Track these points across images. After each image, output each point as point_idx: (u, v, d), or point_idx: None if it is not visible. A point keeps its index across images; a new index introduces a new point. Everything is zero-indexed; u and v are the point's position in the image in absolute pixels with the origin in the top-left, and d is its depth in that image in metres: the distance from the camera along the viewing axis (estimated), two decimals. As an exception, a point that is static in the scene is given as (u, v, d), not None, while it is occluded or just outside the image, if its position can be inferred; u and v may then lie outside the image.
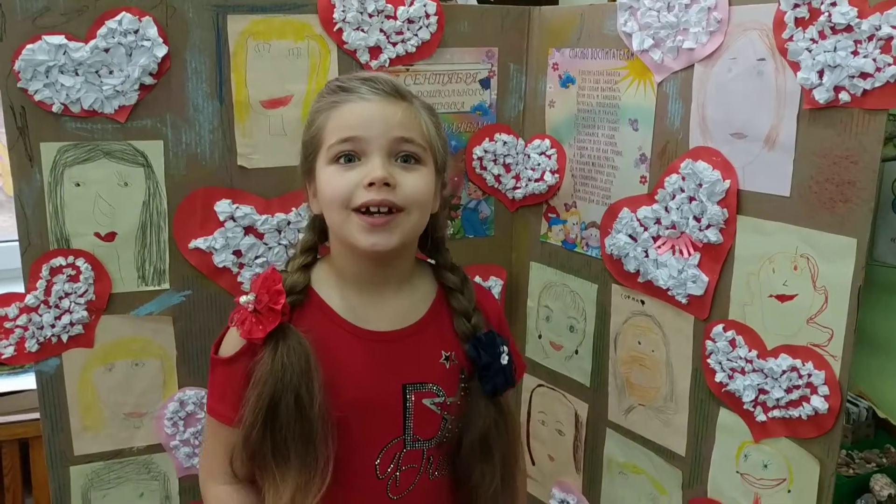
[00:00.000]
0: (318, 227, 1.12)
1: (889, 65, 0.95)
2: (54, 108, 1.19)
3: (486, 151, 1.46)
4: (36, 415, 1.34)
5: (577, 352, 1.46)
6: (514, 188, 1.50)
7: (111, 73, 1.21)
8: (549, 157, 1.45)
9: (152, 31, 1.21)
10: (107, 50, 1.19)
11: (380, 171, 0.98)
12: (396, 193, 0.99)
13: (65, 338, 1.27)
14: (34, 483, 1.85)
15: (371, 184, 0.98)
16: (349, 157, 1.01)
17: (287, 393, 0.99)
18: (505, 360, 1.10)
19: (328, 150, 1.02)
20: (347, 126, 1.01)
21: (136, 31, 1.20)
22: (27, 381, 1.89)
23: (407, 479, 1.08)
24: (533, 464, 1.59)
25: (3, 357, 1.26)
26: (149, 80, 1.23)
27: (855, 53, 0.98)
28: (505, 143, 1.47)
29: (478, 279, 1.50)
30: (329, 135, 1.02)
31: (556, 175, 1.45)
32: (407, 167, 1.02)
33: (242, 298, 1.03)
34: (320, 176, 1.03)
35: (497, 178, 1.49)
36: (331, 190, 1.01)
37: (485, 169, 1.48)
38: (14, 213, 1.21)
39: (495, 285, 1.53)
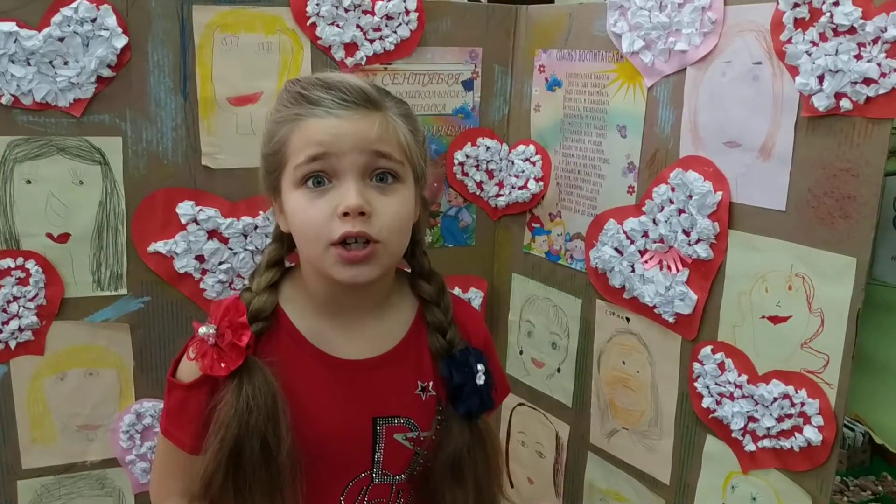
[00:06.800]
0: (287, 239, 1.01)
1: (895, 70, 0.88)
2: (4, 100, 1.12)
3: (467, 156, 1.39)
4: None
5: (559, 370, 1.39)
6: (497, 196, 1.42)
7: (66, 63, 1.14)
8: (534, 163, 1.38)
9: (111, 21, 1.14)
10: (61, 39, 1.12)
11: (354, 199, 0.87)
12: (373, 224, 0.88)
13: (13, 344, 1.20)
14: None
15: (345, 213, 0.88)
16: (319, 180, 0.90)
17: (252, 437, 0.90)
18: (481, 380, 1.01)
19: (294, 171, 0.90)
20: (315, 143, 0.89)
21: (93, 20, 1.13)
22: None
23: None
24: (511, 486, 1.51)
25: (-55, 363, 1.19)
26: (107, 73, 1.16)
27: (858, 57, 0.90)
28: (488, 148, 1.40)
29: (457, 290, 1.42)
30: (294, 153, 0.91)
31: (541, 183, 1.37)
32: (384, 188, 0.91)
33: (201, 330, 0.91)
34: (288, 200, 0.93)
35: (479, 184, 1.41)
36: (303, 222, 0.91)
37: (466, 175, 1.40)
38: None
39: (475, 297, 1.46)
